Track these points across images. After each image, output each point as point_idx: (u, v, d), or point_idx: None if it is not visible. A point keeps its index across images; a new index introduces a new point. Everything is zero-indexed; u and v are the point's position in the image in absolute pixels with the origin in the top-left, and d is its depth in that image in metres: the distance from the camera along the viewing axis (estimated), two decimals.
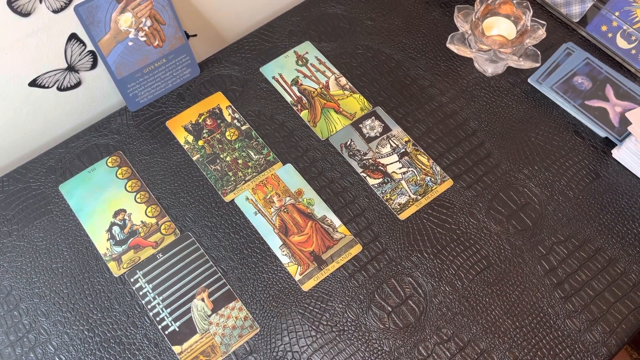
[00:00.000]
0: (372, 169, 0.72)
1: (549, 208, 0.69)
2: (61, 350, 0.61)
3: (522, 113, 0.75)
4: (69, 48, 0.70)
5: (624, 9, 0.76)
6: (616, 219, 0.68)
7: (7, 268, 0.66)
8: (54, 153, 0.74)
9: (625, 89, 0.74)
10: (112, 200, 0.70)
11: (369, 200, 0.69)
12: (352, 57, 0.80)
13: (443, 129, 0.74)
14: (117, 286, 0.65)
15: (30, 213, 0.70)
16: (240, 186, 0.71)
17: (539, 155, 0.72)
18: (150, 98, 0.77)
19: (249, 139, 0.74)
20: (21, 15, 0.64)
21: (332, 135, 0.74)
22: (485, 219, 0.68)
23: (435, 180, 0.70)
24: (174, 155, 0.73)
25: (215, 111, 0.76)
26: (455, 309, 0.63)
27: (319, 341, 0.61)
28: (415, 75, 0.78)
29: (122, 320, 0.63)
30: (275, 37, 0.82)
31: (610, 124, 0.72)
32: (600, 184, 0.70)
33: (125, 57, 0.72)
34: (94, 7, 0.67)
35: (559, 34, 0.81)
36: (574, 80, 0.76)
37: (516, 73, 0.78)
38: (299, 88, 0.78)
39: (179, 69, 0.77)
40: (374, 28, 0.83)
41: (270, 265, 0.66)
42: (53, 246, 0.67)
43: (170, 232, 0.68)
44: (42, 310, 0.64)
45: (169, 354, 0.61)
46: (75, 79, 0.74)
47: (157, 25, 0.73)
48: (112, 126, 0.76)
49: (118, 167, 0.72)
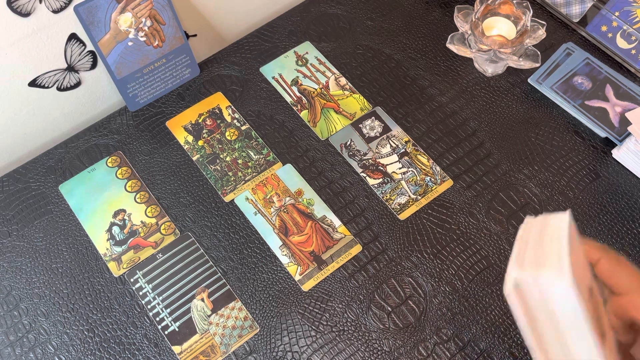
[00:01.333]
0: (372, 169, 0.72)
1: (549, 208, 0.69)
2: (61, 350, 0.61)
3: (522, 113, 0.75)
4: (68, 48, 0.70)
5: (624, 9, 0.76)
6: (616, 219, 0.68)
7: (7, 268, 0.66)
8: (54, 153, 0.74)
9: (625, 89, 0.74)
10: (112, 201, 0.70)
11: (368, 201, 0.69)
12: (352, 57, 0.80)
13: (443, 129, 0.74)
14: (117, 286, 0.65)
15: (30, 213, 0.70)
16: (240, 186, 0.71)
17: (539, 155, 0.72)
18: (150, 98, 0.77)
19: (249, 139, 0.74)
20: (21, 16, 0.64)
21: (332, 135, 0.74)
22: (485, 219, 0.68)
23: (435, 180, 0.70)
24: (174, 155, 0.73)
25: (215, 111, 0.76)
26: (455, 309, 0.63)
27: (318, 341, 0.61)
28: (415, 75, 0.78)
29: (122, 321, 0.63)
30: (275, 37, 0.82)
31: (610, 124, 0.72)
32: (600, 184, 0.70)
33: (125, 57, 0.72)
34: (93, 7, 0.67)
35: (559, 34, 0.81)
36: (574, 80, 0.76)
37: (516, 73, 0.78)
38: (299, 88, 0.78)
39: (178, 69, 0.77)
40: (374, 28, 0.83)
41: (270, 265, 0.66)
42: (53, 246, 0.67)
43: (170, 232, 0.68)
44: (42, 310, 0.64)
45: (169, 354, 0.61)
46: (75, 79, 0.74)
47: (157, 26, 0.73)
48: (112, 126, 0.76)
49: (118, 167, 0.72)
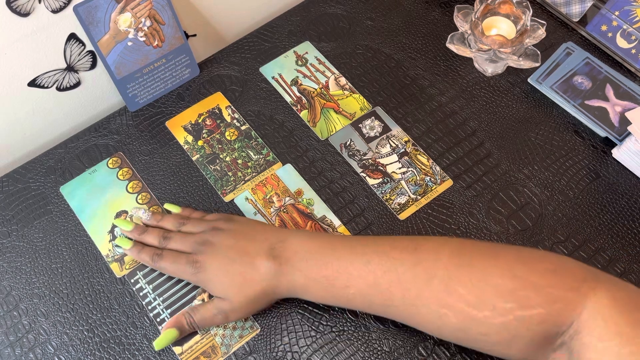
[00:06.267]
0: (371, 169, 0.72)
1: (548, 208, 0.69)
2: (61, 350, 0.61)
3: (522, 113, 0.75)
4: (68, 48, 0.70)
5: (624, 9, 0.76)
6: (616, 219, 0.68)
7: (7, 268, 0.66)
8: (54, 153, 0.74)
9: (625, 89, 0.74)
10: (113, 202, 0.70)
11: (368, 200, 0.69)
12: (351, 57, 0.80)
13: (443, 129, 0.74)
14: (117, 286, 0.65)
15: (29, 213, 0.70)
16: (240, 186, 0.71)
17: (539, 155, 0.72)
18: (150, 98, 0.77)
19: (249, 139, 0.74)
20: (20, 15, 0.64)
21: (331, 135, 0.74)
22: (485, 219, 0.68)
23: (435, 180, 0.70)
24: (174, 155, 0.73)
25: (214, 111, 0.76)
26: None
27: (318, 341, 0.61)
28: (415, 75, 0.78)
29: (122, 321, 0.63)
30: (275, 37, 0.82)
31: (610, 123, 0.72)
32: (600, 184, 0.70)
33: (124, 57, 0.72)
34: (93, 7, 0.67)
35: (558, 34, 0.81)
36: (573, 80, 0.76)
37: (516, 73, 0.78)
38: (299, 88, 0.78)
39: (178, 69, 0.77)
40: (374, 28, 0.83)
41: None
42: (53, 246, 0.67)
43: None
44: (41, 311, 0.64)
45: (169, 354, 0.61)
46: (75, 79, 0.74)
47: (156, 25, 0.73)
48: (112, 126, 0.76)
49: (119, 169, 0.72)
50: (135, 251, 0.63)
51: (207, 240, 0.60)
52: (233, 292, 0.58)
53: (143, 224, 0.66)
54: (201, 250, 0.60)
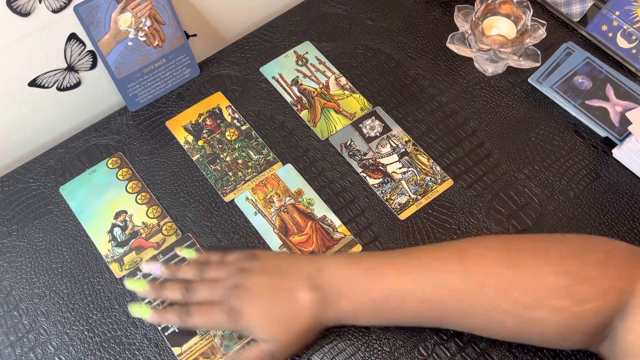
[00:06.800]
0: (372, 168, 0.71)
1: (549, 208, 0.68)
2: (61, 350, 0.61)
3: (522, 113, 0.75)
4: (68, 48, 0.70)
5: (625, 9, 0.76)
6: (616, 219, 0.68)
7: (7, 268, 0.66)
8: (54, 153, 0.74)
9: (625, 89, 0.74)
10: (113, 202, 0.70)
11: (368, 200, 0.69)
12: (352, 57, 0.80)
13: (443, 129, 0.74)
14: (117, 286, 0.65)
15: (30, 213, 0.70)
16: (240, 186, 0.71)
17: (539, 155, 0.72)
18: (150, 98, 0.77)
19: (249, 139, 0.74)
20: (20, 15, 0.64)
21: (332, 135, 0.74)
22: (485, 219, 0.68)
23: (435, 180, 0.70)
24: (174, 155, 0.73)
25: (215, 111, 0.76)
26: None
27: (319, 341, 0.61)
28: (415, 75, 0.78)
29: (122, 321, 0.63)
30: (275, 37, 0.82)
31: (611, 123, 0.72)
32: (600, 184, 0.70)
33: (125, 57, 0.72)
34: (93, 7, 0.67)
35: (559, 34, 0.81)
36: (574, 79, 0.76)
37: (516, 73, 0.78)
38: (299, 88, 0.78)
39: (178, 69, 0.77)
40: (374, 28, 0.83)
41: None
42: (53, 246, 0.67)
43: (172, 232, 0.68)
44: (42, 311, 0.64)
45: (169, 354, 0.61)
46: (75, 79, 0.74)
47: (156, 25, 0.73)
48: (112, 126, 0.76)
49: (118, 169, 0.72)
50: (158, 317, 0.57)
51: (237, 284, 0.55)
52: (279, 332, 0.54)
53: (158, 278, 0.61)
54: (234, 295, 0.55)
